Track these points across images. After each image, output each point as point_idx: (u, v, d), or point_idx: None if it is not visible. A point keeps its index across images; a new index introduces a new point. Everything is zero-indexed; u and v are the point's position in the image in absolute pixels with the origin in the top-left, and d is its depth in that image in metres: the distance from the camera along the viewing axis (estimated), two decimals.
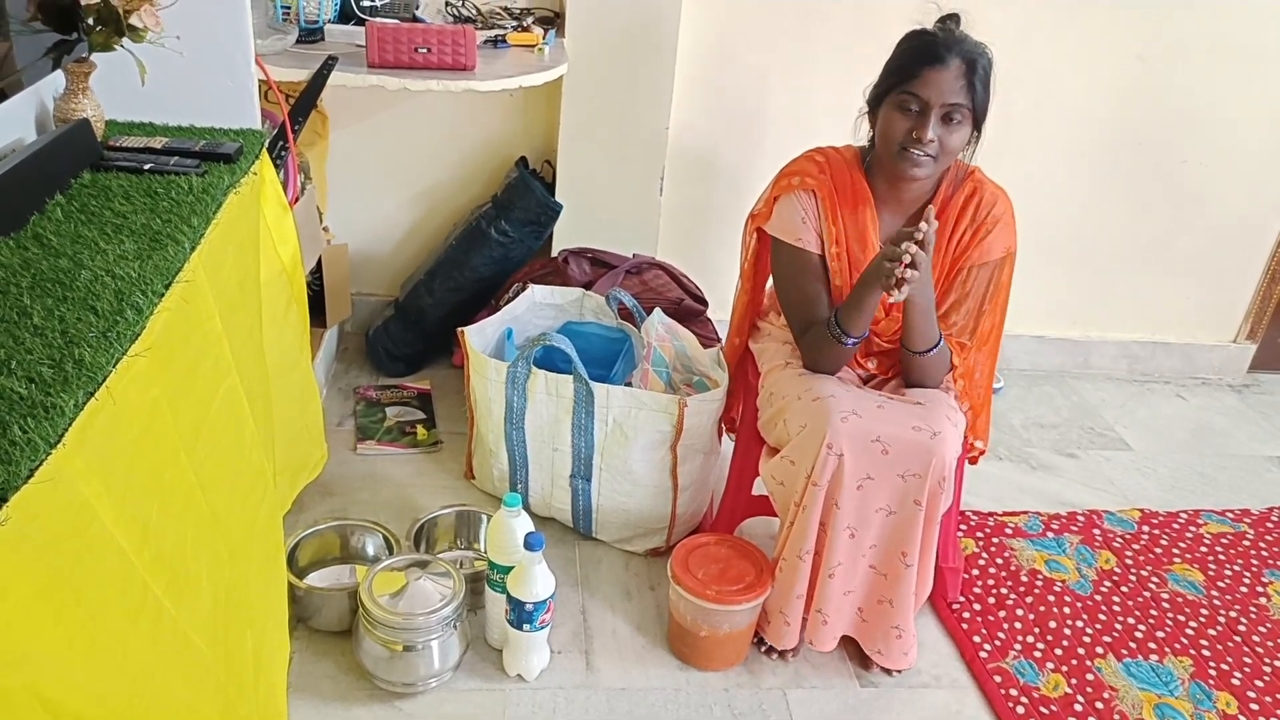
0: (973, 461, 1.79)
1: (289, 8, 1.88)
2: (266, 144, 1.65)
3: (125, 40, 1.40)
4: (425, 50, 1.78)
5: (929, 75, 1.47)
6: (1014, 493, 2.24)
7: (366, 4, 2.00)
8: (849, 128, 1.89)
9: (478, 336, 1.92)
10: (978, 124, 1.54)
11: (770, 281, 1.77)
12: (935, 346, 1.56)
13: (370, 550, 1.74)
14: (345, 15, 2.00)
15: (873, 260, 1.48)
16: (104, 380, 0.91)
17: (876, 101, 1.57)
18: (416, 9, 2.08)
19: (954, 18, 1.55)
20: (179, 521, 1.10)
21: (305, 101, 1.74)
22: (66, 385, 0.87)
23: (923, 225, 1.42)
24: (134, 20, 1.37)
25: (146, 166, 1.39)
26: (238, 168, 1.49)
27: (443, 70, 1.81)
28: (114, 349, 0.95)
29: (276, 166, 1.75)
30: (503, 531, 1.57)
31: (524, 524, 1.58)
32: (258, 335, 1.60)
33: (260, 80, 1.69)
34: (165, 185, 1.35)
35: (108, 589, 0.91)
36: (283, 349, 1.73)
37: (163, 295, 1.09)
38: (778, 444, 1.64)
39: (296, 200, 1.90)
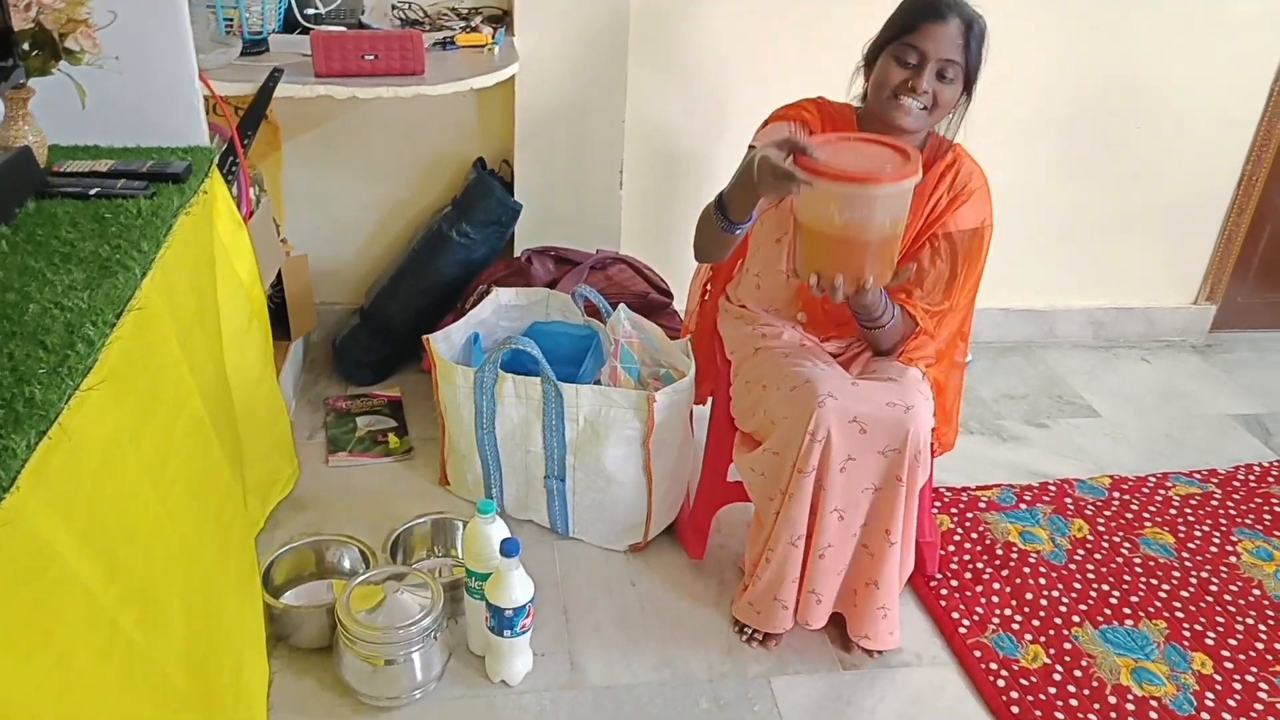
0: (935, 450, 1.78)
1: (231, 20, 1.85)
2: (216, 160, 1.63)
3: (62, 63, 1.38)
4: (373, 57, 1.76)
5: (929, 29, 1.51)
6: (986, 466, 2.26)
7: (311, 12, 1.97)
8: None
9: (444, 343, 1.90)
10: (968, 86, 1.57)
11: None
12: (887, 319, 1.58)
13: (346, 564, 1.73)
14: (290, 25, 1.97)
15: (755, 158, 1.39)
16: (56, 417, 0.90)
17: (874, 55, 1.60)
18: (362, 14, 2.06)
19: None
20: (148, 552, 1.09)
21: (253, 115, 1.72)
22: (18, 425, 0.86)
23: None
24: (70, 43, 1.34)
25: (93, 191, 1.37)
26: (187, 187, 1.46)
27: (391, 75, 1.79)
28: (66, 384, 0.94)
29: (228, 182, 1.73)
30: (478, 539, 1.57)
31: (499, 530, 1.58)
32: (219, 355, 1.59)
33: (206, 96, 1.66)
34: (113, 210, 1.33)
35: (74, 629, 0.90)
36: (246, 366, 1.71)
37: (115, 325, 1.07)
38: (756, 432, 1.65)
39: (251, 215, 1.88)
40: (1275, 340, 2.94)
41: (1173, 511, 2.12)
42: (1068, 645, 1.75)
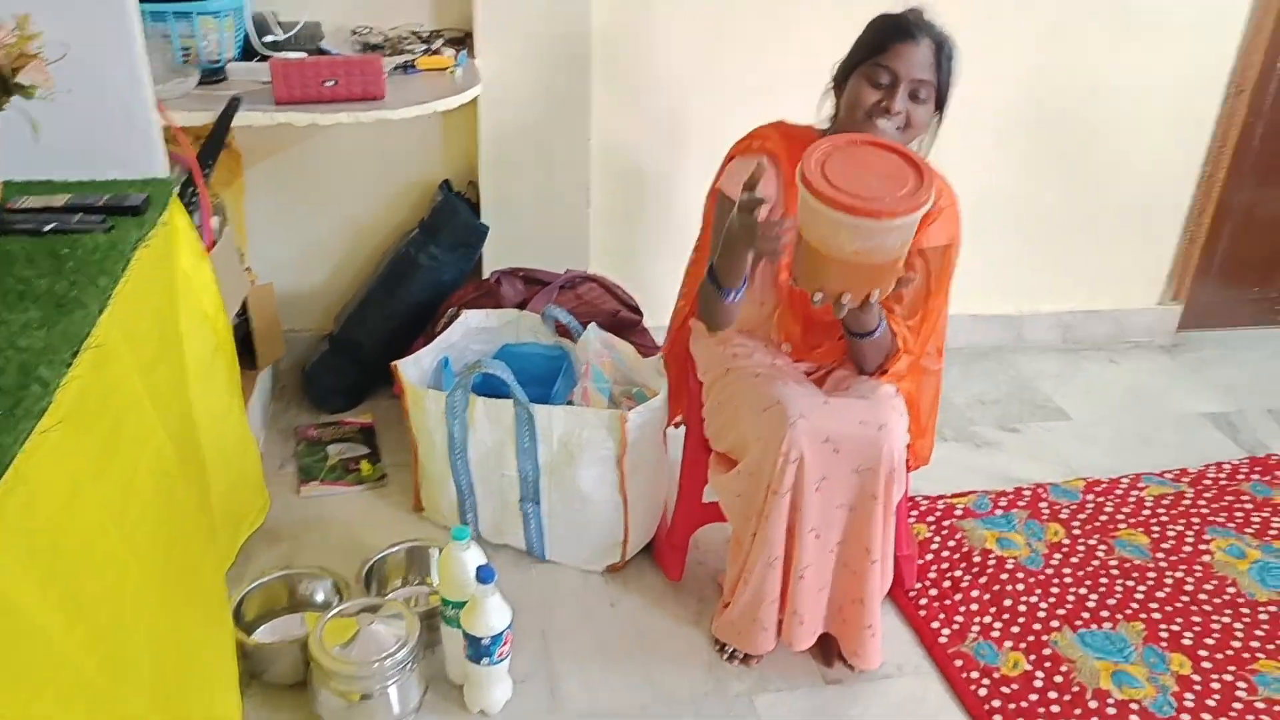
0: (910, 464, 1.78)
1: (188, 49, 1.83)
2: (176, 190, 1.61)
3: (15, 99, 1.35)
4: (333, 83, 1.75)
5: (900, 49, 1.51)
6: (962, 472, 2.27)
7: (269, 40, 1.96)
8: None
9: (413, 369, 1.89)
10: (940, 105, 1.57)
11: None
12: (877, 329, 1.55)
13: (320, 597, 1.71)
14: (249, 53, 1.95)
15: (733, 217, 1.43)
16: (11, 461, 0.88)
17: (844, 76, 1.60)
18: (321, 40, 2.04)
19: (917, 10, 1.59)
20: (113, 595, 1.06)
21: (212, 145, 1.70)
22: None
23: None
24: (21, 78, 1.32)
25: (48, 227, 1.34)
26: (146, 219, 1.44)
27: (352, 101, 1.78)
28: (20, 427, 0.91)
29: (189, 212, 1.70)
30: (453, 566, 1.55)
31: (474, 557, 1.56)
32: (183, 389, 1.56)
33: (164, 126, 1.64)
34: (70, 245, 1.30)
35: (36, 678, 0.87)
36: (212, 399, 1.69)
37: (71, 364, 1.05)
38: (730, 452, 1.64)
39: (213, 245, 1.85)
40: (1241, 338, 2.98)
41: (1146, 512, 2.13)
42: (1047, 651, 1.75)
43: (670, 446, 1.93)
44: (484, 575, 1.50)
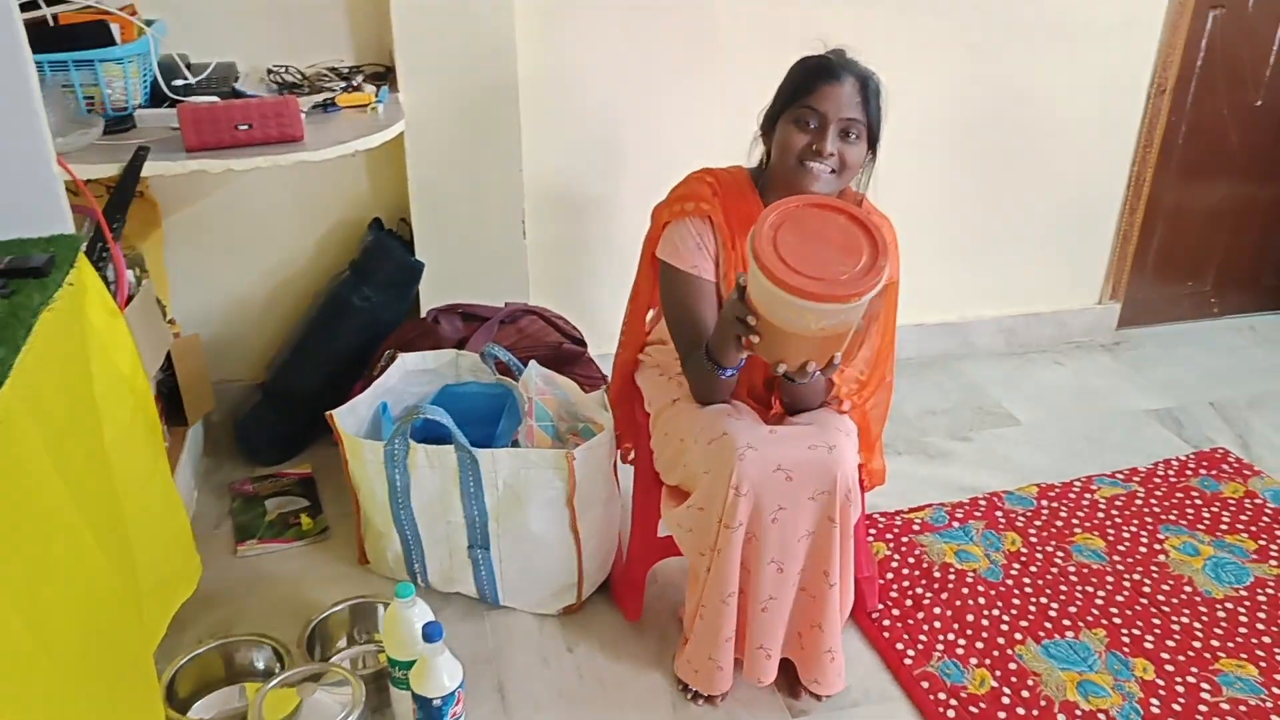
0: (865, 486, 1.75)
1: (92, 98, 1.75)
2: (84, 247, 1.53)
3: None
4: (247, 126, 1.68)
5: (825, 90, 1.49)
6: (917, 485, 2.26)
7: (180, 83, 1.88)
8: (703, 146, 1.87)
9: (349, 417, 1.82)
10: (872, 143, 1.54)
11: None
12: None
13: (260, 664, 1.62)
14: (158, 98, 1.87)
15: (729, 307, 1.41)
16: None
17: (771, 121, 1.56)
18: (236, 81, 1.97)
19: (839, 51, 1.57)
20: (22, 695, 0.98)
21: (120, 198, 1.62)
22: None
23: None
24: None
25: None
26: (50, 281, 1.36)
27: (269, 144, 1.71)
28: None
29: (99, 269, 1.62)
30: (398, 625, 1.48)
31: (421, 613, 1.50)
32: (100, 458, 1.47)
33: (67, 180, 1.56)
34: None
35: None
36: (134, 463, 1.60)
37: None
38: (681, 485, 1.59)
39: (128, 301, 1.77)
40: (1178, 333, 3.02)
41: (1100, 515, 2.13)
42: (1013, 665, 1.73)
43: (622, 481, 1.88)
44: (431, 633, 1.43)
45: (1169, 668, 1.73)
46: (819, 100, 1.48)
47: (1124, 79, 2.65)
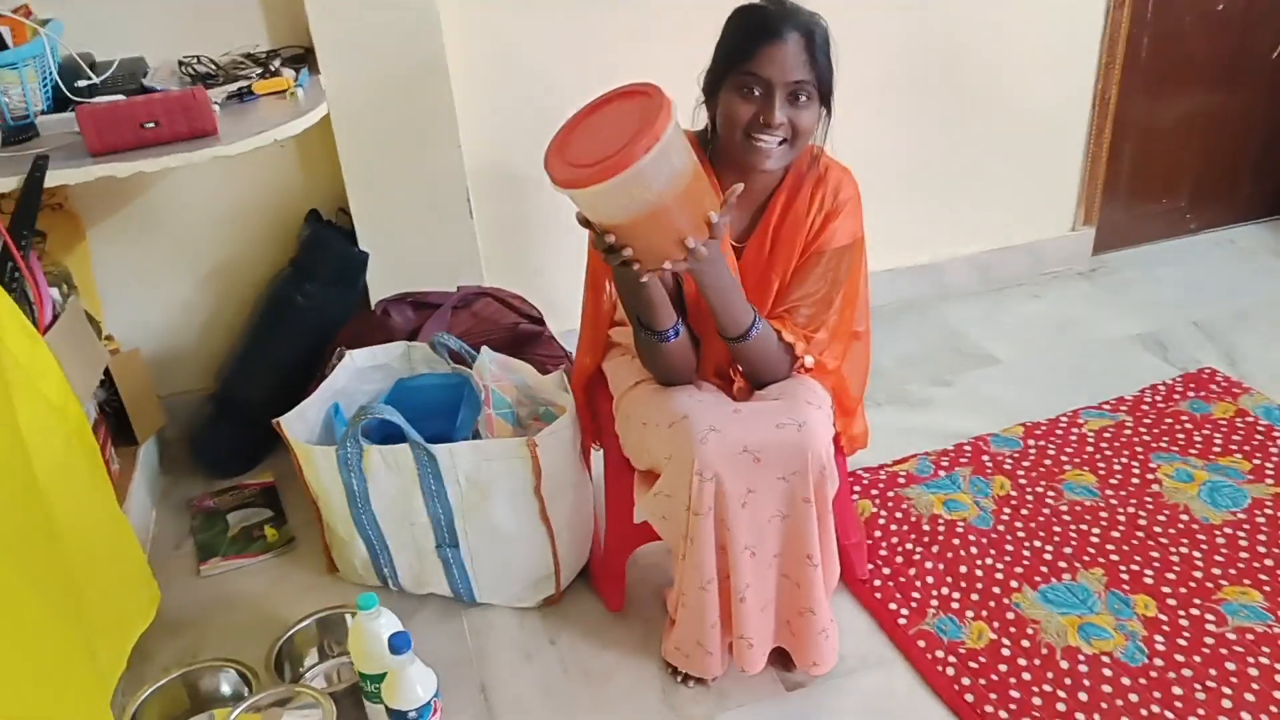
0: (847, 451, 1.67)
1: None
2: None
3: None
4: (153, 124, 1.57)
5: (767, 52, 1.35)
6: (899, 436, 2.18)
7: (83, 84, 1.76)
8: None
9: (299, 423, 1.73)
10: (825, 99, 1.41)
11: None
12: (751, 328, 1.41)
13: (226, 690, 1.55)
14: (61, 102, 1.75)
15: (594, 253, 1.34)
16: None
17: (713, 87, 1.43)
18: (145, 77, 1.85)
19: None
20: None
21: (25, 212, 1.52)
22: None
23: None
24: None
25: None
26: None
27: (179, 141, 1.60)
28: None
29: (11, 292, 1.52)
30: (364, 639, 1.41)
31: (388, 624, 1.42)
32: (31, 495, 1.38)
33: None
34: None
35: None
36: (72, 495, 1.50)
37: None
38: (650, 469, 1.51)
39: (52, 322, 1.67)
40: (1157, 252, 2.95)
41: (1089, 449, 2.07)
42: (1010, 615, 1.67)
43: (595, 464, 1.80)
44: (397, 644, 1.36)
45: (1171, 601, 1.67)
46: (761, 64, 1.35)
47: None
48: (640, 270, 1.27)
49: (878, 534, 1.87)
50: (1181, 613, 1.65)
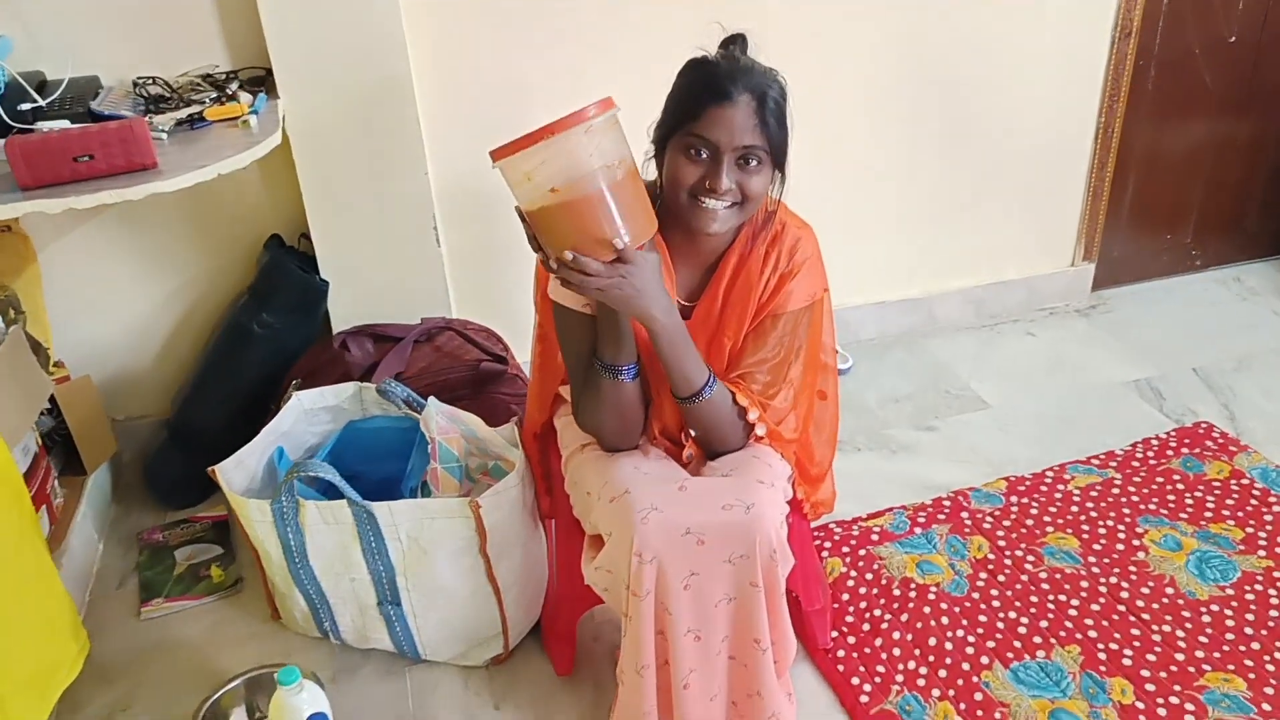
0: (811, 517, 1.58)
1: None
2: None
3: None
4: (88, 158, 1.49)
5: (715, 114, 1.25)
6: (878, 484, 2.10)
7: (26, 108, 1.68)
8: (625, 124, 1.67)
9: (238, 470, 1.65)
10: (778, 163, 1.32)
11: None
12: (705, 388, 1.32)
13: None
14: (3, 127, 1.68)
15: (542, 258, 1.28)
16: None
17: (662, 143, 1.34)
18: (94, 99, 1.77)
19: (739, 40, 1.32)
20: None
21: None
22: None
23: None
24: None
25: None
26: None
27: (116, 175, 1.52)
28: None
29: None
30: (284, 713, 1.33)
31: (311, 700, 1.35)
32: None
33: None
34: None
35: None
36: None
37: None
38: (597, 533, 1.43)
39: None
40: (1158, 290, 2.85)
41: (1074, 509, 1.97)
42: (979, 696, 1.58)
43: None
44: None
45: (1149, 687, 1.58)
46: (708, 128, 1.25)
47: (1085, 23, 2.44)
48: (577, 250, 1.21)
49: (845, 597, 1.79)
50: (1160, 700, 1.56)
